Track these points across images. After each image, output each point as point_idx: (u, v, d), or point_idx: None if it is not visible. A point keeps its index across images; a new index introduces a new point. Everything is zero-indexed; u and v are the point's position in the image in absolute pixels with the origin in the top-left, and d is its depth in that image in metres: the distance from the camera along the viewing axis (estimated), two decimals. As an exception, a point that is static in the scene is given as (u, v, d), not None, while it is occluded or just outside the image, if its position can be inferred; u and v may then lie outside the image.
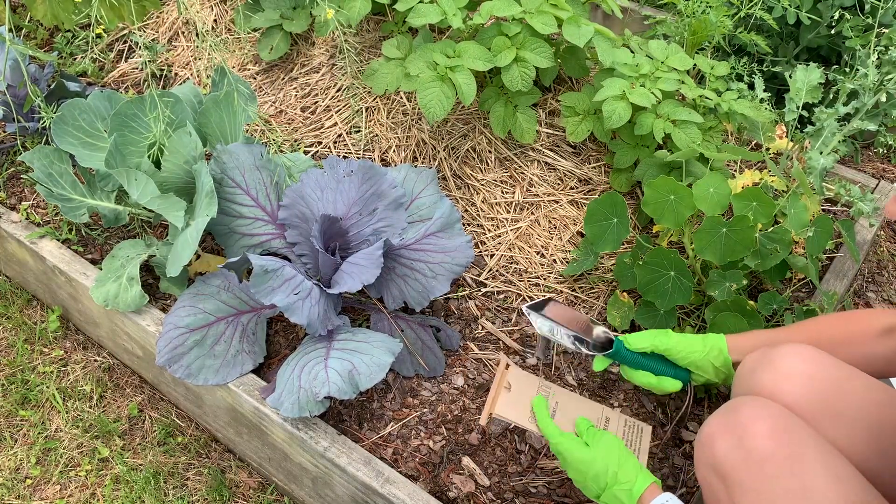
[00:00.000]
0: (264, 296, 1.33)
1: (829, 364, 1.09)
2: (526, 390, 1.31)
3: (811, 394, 1.07)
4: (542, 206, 1.80)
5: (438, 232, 1.54)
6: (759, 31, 2.19)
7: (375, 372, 1.33)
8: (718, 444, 0.98)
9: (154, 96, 1.49)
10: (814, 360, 1.10)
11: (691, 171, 1.69)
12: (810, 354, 1.10)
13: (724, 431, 0.99)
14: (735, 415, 1.00)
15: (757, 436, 0.95)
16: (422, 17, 1.65)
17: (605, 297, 1.68)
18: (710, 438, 1.00)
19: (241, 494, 1.56)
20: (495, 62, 1.65)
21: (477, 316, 1.63)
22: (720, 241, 1.43)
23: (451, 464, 1.39)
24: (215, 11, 2.21)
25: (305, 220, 1.56)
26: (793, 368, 1.09)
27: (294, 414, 1.30)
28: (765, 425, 0.96)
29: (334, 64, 2.01)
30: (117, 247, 1.65)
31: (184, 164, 1.52)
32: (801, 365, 1.09)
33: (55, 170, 1.64)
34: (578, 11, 1.75)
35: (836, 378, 1.08)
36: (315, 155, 1.89)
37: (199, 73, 2.12)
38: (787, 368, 1.10)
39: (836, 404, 1.06)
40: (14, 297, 1.93)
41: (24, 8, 2.29)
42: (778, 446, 0.94)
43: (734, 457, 0.96)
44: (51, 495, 1.56)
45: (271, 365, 1.53)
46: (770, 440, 0.95)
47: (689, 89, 1.72)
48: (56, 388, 1.73)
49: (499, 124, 1.75)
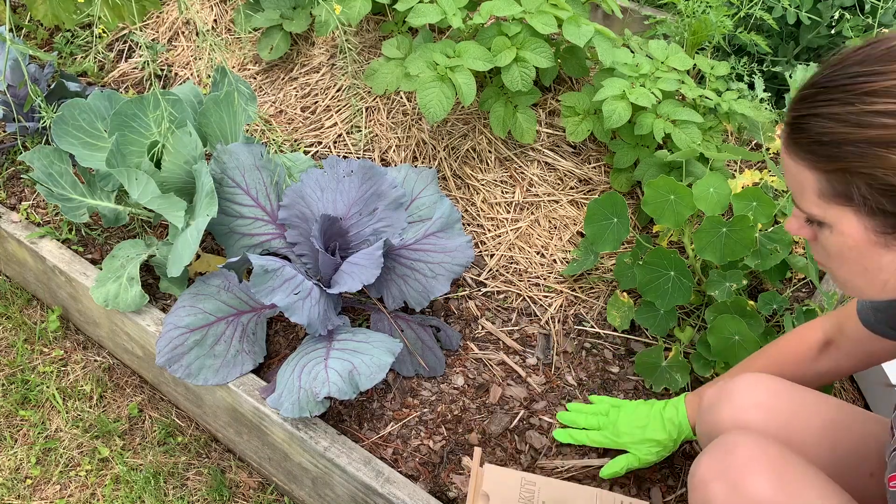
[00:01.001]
0: (264, 296, 1.33)
1: (783, 390, 1.08)
2: (507, 499, 1.21)
3: (770, 424, 1.05)
4: (542, 206, 1.80)
5: (438, 232, 1.54)
6: (759, 31, 2.19)
7: (375, 372, 1.33)
8: (713, 490, 0.92)
9: (157, 95, 1.49)
10: (768, 388, 1.08)
11: (691, 171, 1.69)
12: (765, 384, 1.09)
13: (718, 476, 0.93)
14: (729, 457, 0.94)
15: (754, 480, 0.90)
16: (422, 17, 1.65)
17: (605, 296, 1.68)
18: (704, 484, 0.94)
19: (241, 494, 1.56)
20: (495, 62, 1.65)
21: (477, 316, 1.64)
22: (720, 241, 1.43)
23: (451, 464, 1.39)
24: (215, 11, 2.21)
25: (305, 220, 1.56)
26: (749, 400, 1.08)
27: (294, 414, 1.30)
28: (761, 467, 0.91)
29: (334, 64, 2.01)
30: (117, 247, 1.65)
31: (184, 163, 1.52)
32: (758, 395, 1.08)
33: (55, 170, 1.64)
34: (578, 11, 1.75)
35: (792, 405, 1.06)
36: (315, 155, 1.89)
37: (199, 73, 2.12)
38: (743, 400, 1.08)
39: (795, 432, 1.04)
40: (14, 297, 1.93)
41: (24, 8, 2.29)
42: (776, 490, 0.89)
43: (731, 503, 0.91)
44: (51, 495, 1.56)
45: (271, 365, 1.53)
46: (767, 482, 0.89)
47: (689, 89, 1.72)
48: (56, 388, 1.73)
49: (499, 124, 1.75)
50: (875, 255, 0.76)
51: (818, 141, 0.73)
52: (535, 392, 1.50)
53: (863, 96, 0.70)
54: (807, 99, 0.75)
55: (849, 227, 0.76)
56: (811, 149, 0.75)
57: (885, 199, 0.71)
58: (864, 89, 0.70)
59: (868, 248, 0.76)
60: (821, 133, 0.73)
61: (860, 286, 0.82)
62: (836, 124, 0.71)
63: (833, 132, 0.72)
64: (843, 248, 0.78)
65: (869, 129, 0.69)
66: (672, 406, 1.29)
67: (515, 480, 1.25)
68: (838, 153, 0.72)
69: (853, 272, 0.81)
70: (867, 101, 0.69)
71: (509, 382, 1.52)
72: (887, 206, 0.71)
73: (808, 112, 0.74)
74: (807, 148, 0.75)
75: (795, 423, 1.05)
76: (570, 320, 1.64)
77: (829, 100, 0.72)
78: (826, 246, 0.81)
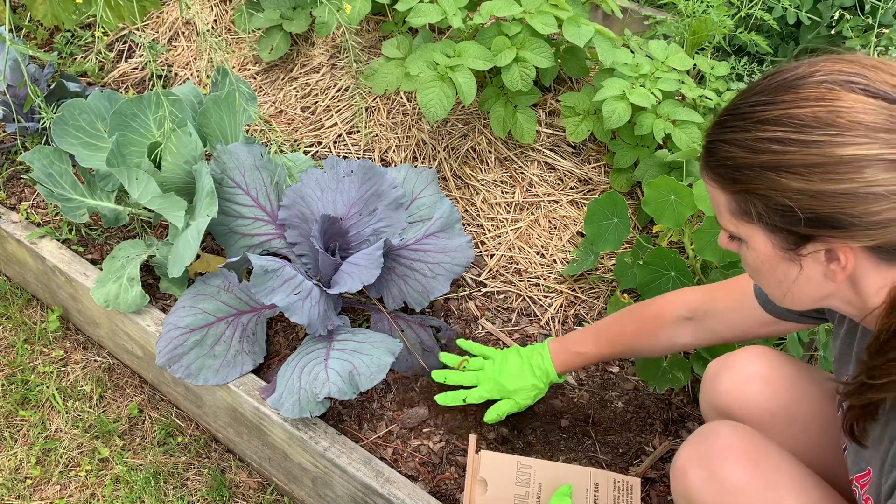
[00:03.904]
0: (264, 296, 1.33)
1: (784, 364, 1.11)
2: (503, 483, 1.25)
3: (768, 395, 1.09)
4: (542, 206, 1.80)
5: (438, 232, 1.54)
6: (759, 31, 2.19)
7: (375, 372, 1.33)
8: (691, 476, 0.98)
9: (159, 95, 1.49)
10: (769, 361, 1.12)
11: (691, 170, 1.69)
12: (765, 356, 1.12)
13: (696, 463, 0.98)
14: (707, 444, 0.99)
15: (730, 467, 0.95)
16: (422, 17, 1.65)
17: (605, 297, 1.68)
18: (683, 471, 0.99)
19: (241, 494, 1.56)
20: (495, 62, 1.65)
21: (477, 316, 1.63)
22: (720, 241, 1.43)
23: (450, 464, 1.39)
24: (215, 11, 2.21)
25: (305, 220, 1.56)
26: (749, 371, 1.11)
27: (294, 414, 1.30)
28: (737, 455, 0.96)
29: (334, 64, 2.01)
30: (117, 247, 1.65)
31: (184, 164, 1.51)
32: (757, 367, 1.11)
33: (55, 170, 1.64)
34: (578, 11, 1.75)
35: (791, 378, 1.10)
36: (315, 155, 1.89)
37: (199, 73, 2.12)
38: (743, 372, 1.12)
39: (792, 406, 1.08)
40: (14, 297, 1.93)
41: (24, 8, 2.29)
42: (752, 476, 0.94)
43: (708, 489, 0.96)
44: (51, 495, 1.56)
45: (271, 365, 1.53)
46: (743, 471, 0.95)
47: (689, 89, 1.72)
48: (56, 388, 1.73)
49: (499, 124, 1.75)
50: (784, 269, 0.82)
51: (723, 164, 0.79)
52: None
53: (757, 124, 0.76)
54: (718, 125, 0.81)
55: (758, 243, 0.82)
56: (718, 171, 0.81)
57: (779, 217, 0.76)
58: (758, 118, 0.76)
59: (777, 262, 0.82)
60: (725, 157, 0.79)
61: (778, 297, 0.88)
62: (736, 149, 0.77)
63: (734, 156, 0.78)
64: (757, 262, 0.85)
65: (762, 154, 0.75)
66: (538, 354, 1.37)
67: (512, 465, 1.29)
68: (739, 176, 0.78)
69: (770, 284, 0.87)
70: (761, 128, 0.75)
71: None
72: (782, 224, 0.77)
73: (717, 137, 0.80)
74: (716, 170, 0.81)
75: (794, 395, 1.08)
76: (571, 320, 1.64)
77: (732, 126, 0.78)
78: (746, 260, 0.87)
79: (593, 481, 1.28)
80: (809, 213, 0.74)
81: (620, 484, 1.29)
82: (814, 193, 0.73)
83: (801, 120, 0.73)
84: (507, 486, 1.26)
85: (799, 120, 0.73)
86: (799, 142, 0.73)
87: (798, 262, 0.80)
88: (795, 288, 0.83)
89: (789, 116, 0.73)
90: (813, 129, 0.72)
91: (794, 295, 0.85)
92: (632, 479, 1.31)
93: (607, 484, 1.28)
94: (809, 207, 0.74)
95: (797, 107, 0.73)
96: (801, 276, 0.81)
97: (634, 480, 1.30)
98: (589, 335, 1.34)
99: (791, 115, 0.73)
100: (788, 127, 0.73)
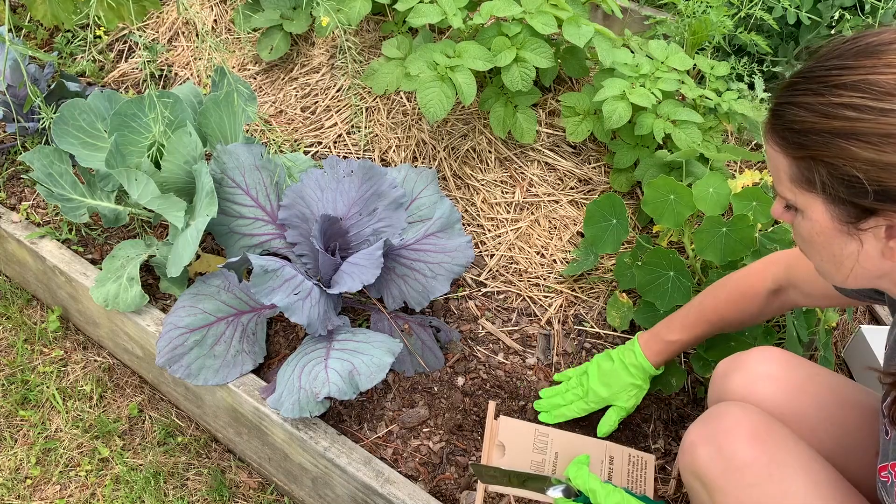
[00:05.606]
0: (264, 296, 1.33)
1: (795, 365, 1.12)
2: (521, 449, 1.27)
3: (779, 395, 1.09)
4: (542, 207, 1.80)
5: (438, 232, 1.54)
6: (759, 31, 2.19)
7: (375, 372, 1.33)
8: (699, 452, 0.99)
9: (153, 96, 1.49)
10: (779, 360, 1.12)
11: (691, 171, 1.69)
12: (776, 356, 1.13)
13: (705, 440, 1.00)
14: (716, 422, 1.00)
15: (736, 444, 0.96)
16: (422, 17, 1.65)
17: (605, 297, 1.68)
18: (692, 447, 1.01)
19: (241, 494, 1.56)
20: (495, 62, 1.65)
21: (477, 316, 1.63)
22: (720, 241, 1.43)
23: (450, 464, 1.39)
24: (215, 11, 2.21)
25: (305, 220, 1.56)
26: (760, 370, 1.12)
27: (294, 414, 1.30)
28: (744, 433, 0.97)
29: (334, 64, 2.01)
30: (117, 247, 1.65)
31: (184, 164, 1.52)
32: (769, 367, 1.11)
33: (55, 170, 1.64)
34: (578, 11, 1.75)
35: (801, 379, 1.10)
36: (315, 155, 1.89)
37: (199, 73, 2.12)
38: (754, 370, 1.12)
39: (802, 405, 1.08)
40: (14, 297, 1.93)
41: (24, 8, 2.29)
42: (758, 453, 0.95)
43: (715, 465, 0.97)
44: (51, 495, 1.56)
45: (271, 365, 1.53)
46: (750, 448, 0.95)
47: (689, 89, 1.72)
48: (56, 388, 1.73)
49: (499, 124, 1.75)
50: (841, 243, 0.79)
51: (790, 128, 0.77)
52: (536, 392, 1.50)
53: (833, 88, 0.73)
54: (788, 87, 0.78)
55: (816, 213, 0.79)
56: (784, 135, 0.78)
57: (844, 188, 0.73)
58: (834, 82, 0.73)
59: (834, 235, 0.79)
60: (793, 121, 0.76)
61: (829, 272, 0.85)
62: (806, 113, 0.74)
63: (803, 120, 0.75)
64: (812, 234, 0.82)
65: (834, 119, 0.72)
66: (629, 352, 1.36)
67: (530, 431, 1.30)
68: (806, 141, 0.75)
69: (823, 258, 0.84)
70: (836, 93, 0.72)
71: (510, 383, 1.52)
72: (846, 195, 0.74)
73: (786, 100, 0.78)
74: (781, 134, 0.78)
75: (804, 396, 1.09)
76: (570, 320, 1.64)
77: (804, 90, 0.76)
78: (800, 231, 0.84)
79: (609, 454, 1.30)
80: (877, 185, 0.71)
81: (635, 459, 1.31)
82: (884, 165, 0.70)
83: (880, 87, 0.69)
84: (524, 452, 1.27)
85: (879, 87, 0.69)
86: (876, 110, 0.69)
87: (857, 236, 0.77)
88: (848, 263, 0.80)
89: (868, 83, 0.70)
90: (892, 97, 0.69)
91: (846, 271, 0.82)
92: (646, 455, 1.33)
93: (622, 458, 1.30)
94: (877, 179, 0.70)
95: (878, 73, 0.70)
96: (856, 252, 0.78)
97: (649, 457, 1.32)
98: (677, 322, 1.33)
99: (870, 82, 0.70)
100: (866, 93, 0.70)
